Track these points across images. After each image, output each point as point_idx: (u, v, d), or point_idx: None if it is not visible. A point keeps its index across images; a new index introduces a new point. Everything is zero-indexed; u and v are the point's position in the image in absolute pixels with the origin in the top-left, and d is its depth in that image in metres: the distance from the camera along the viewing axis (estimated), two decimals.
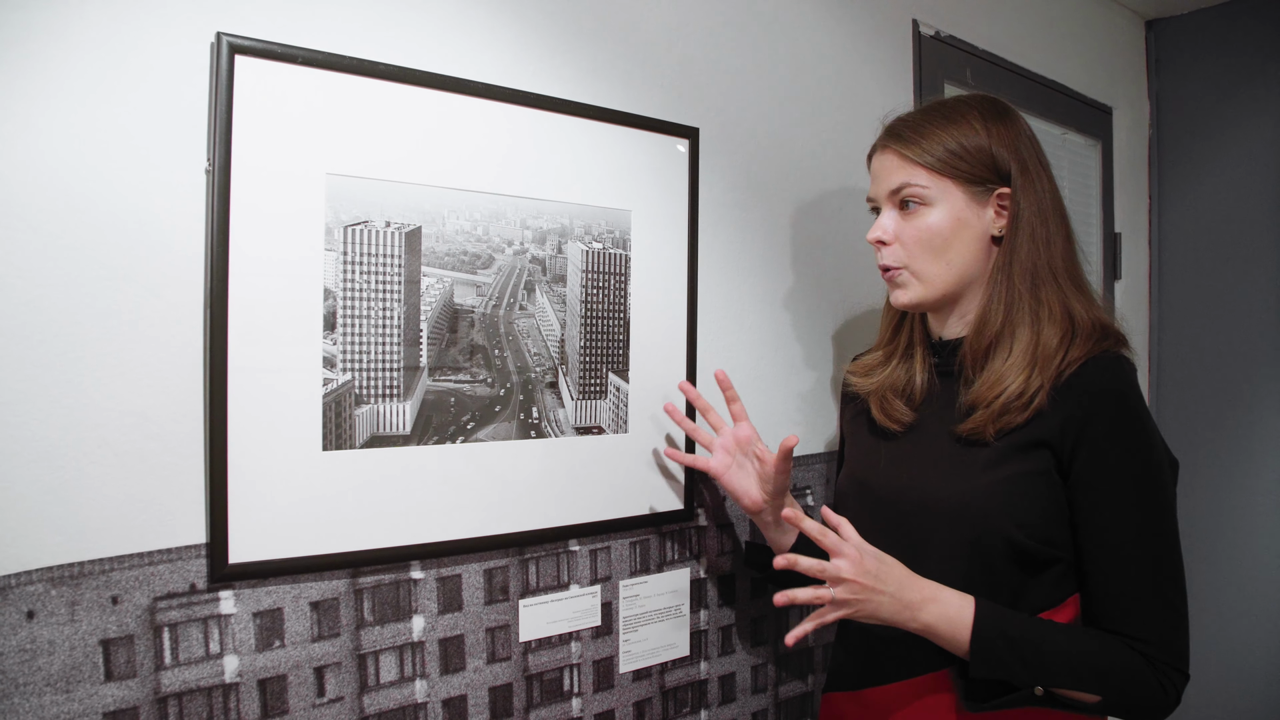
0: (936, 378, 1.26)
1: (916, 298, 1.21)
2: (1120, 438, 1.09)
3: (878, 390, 1.30)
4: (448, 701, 1.22)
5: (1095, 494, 1.09)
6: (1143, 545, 1.08)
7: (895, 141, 1.21)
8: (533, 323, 1.29)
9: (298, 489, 1.08)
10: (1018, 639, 1.07)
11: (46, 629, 0.92)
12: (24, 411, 0.91)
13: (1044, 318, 1.14)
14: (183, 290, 1.01)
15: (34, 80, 0.92)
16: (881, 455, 1.27)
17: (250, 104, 1.03)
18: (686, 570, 1.50)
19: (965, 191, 1.17)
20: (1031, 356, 1.13)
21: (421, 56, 1.18)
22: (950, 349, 1.24)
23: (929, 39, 1.94)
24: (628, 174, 1.38)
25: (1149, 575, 1.08)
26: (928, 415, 1.24)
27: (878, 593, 1.07)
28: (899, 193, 1.20)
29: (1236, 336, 2.48)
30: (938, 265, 1.19)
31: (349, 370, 1.11)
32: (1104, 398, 1.09)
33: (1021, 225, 1.17)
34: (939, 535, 1.16)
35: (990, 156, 1.17)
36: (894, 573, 1.09)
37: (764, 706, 1.62)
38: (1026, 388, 1.11)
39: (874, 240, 1.23)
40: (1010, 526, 1.10)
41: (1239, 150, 2.51)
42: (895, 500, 1.22)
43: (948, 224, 1.17)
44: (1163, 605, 1.08)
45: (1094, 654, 1.07)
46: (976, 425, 1.14)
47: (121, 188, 0.97)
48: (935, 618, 1.09)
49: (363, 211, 1.12)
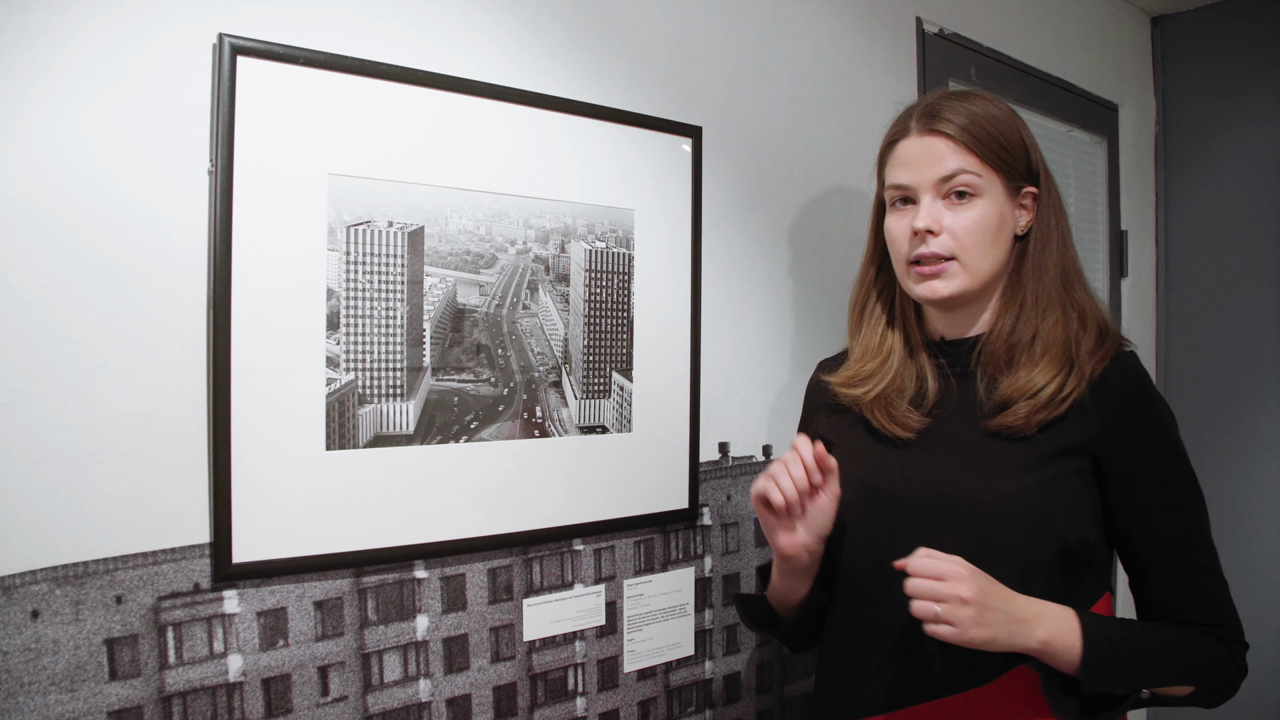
0: (952, 379, 1.18)
1: (959, 289, 1.12)
2: (1159, 437, 1.10)
3: (879, 398, 1.19)
4: (452, 701, 1.22)
5: (1147, 492, 1.09)
6: (1192, 534, 1.09)
7: (944, 125, 1.12)
8: (536, 322, 1.29)
9: (301, 488, 1.08)
10: (1123, 645, 1.03)
11: (51, 628, 0.92)
12: (28, 411, 0.92)
13: (1074, 316, 1.13)
14: (186, 290, 1.01)
15: (37, 82, 0.92)
16: (893, 462, 1.17)
17: (252, 105, 1.04)
18: (691, 569, 1.50)
19: (1005, 186, 1.13)
20: (1067, 354, 1.10)
21: (423, 56, 1.18)
22: (963, 348, 1.18)
23: (933, 36, 1.94)
24: (631, 173, 1.38)
25: (1202, 561, 1.09)
26: (943, 417, 1.16)
27: (991, 610, 0.98)
28: (951, 180, 1.11)
29: (1243, 333, 2.47)
30: (986, 260, 1.12)
31: (352, 370, 1.12)
32: (1139, 398, 1.10)
33: (1051, 226, 1.15)
34: (987, 537, 1.07)
35: (1027, 154, 1.15)
36: (998, 589, 1.00)
37: (769, 706, 1.62)
38: (1065, 385, 1.08)
39: (923, 229, 1.11)
40: (1062, 527, 1.06)
41: (1245, 147, 2.50)
42: (924, 505, 1.12)
43: (994, 218, 1.12)
44: (1217, 584, 1.09)
45: (1183, 646, 1.06)
46: (1017, 419, 1.09)
47: (125, 189, 0.97)
48: (1050, 633, 1.01)
49: (365, 211, 1.12)
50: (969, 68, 2.02)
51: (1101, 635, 1.02)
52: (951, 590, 0.96)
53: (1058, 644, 1.01)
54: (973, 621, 0.96)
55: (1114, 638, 1.02)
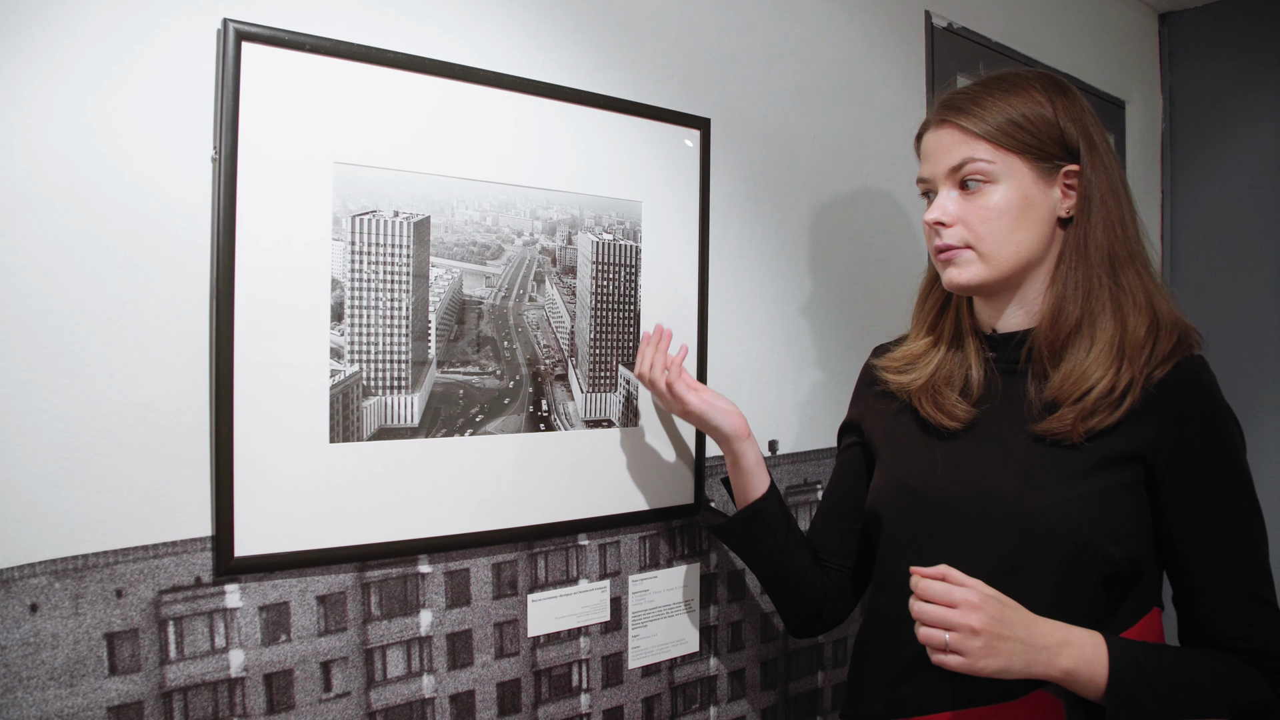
0: (997, 374, 1.13)
1: (977, 277, 1.09)
2: (1221, 450, 1.04)
3: (926, 385, 1.16)
4: (455, 697, 1.20)
5: (1202, 509, 1.03)
6: (1246, 558, 1.04)
7: (953, 114, 1.09)
8: (542, 314, 1.27)
9: (304, 481, 1.07)
10: (1152, 674, 0.98)
11: (50, 622, 0.91)
12: (28, 402, 0.90)
13: (1127, 305, 1.06)
14: (188, 280, 1.00)
15: (39, 68, 0.90)
16: (937, 458, 1.14)
17: (257, 92, 1.02)
18: (697, 565, 1.49)
19: (1032, 168, 1.07)
20: (1118, 349, 1.04)
21: (431, 44, 1.16)
22: (1012, 343, 1.13)
23: (941, 30, 1.92)
24: (638, 165, 1.37)
25: (1256, 588, 1.04)
26: (990, 413, 1.12)
27: (1006, 640, 0.94)
28: (960, 170, 1.08)
29: (1249, 330, 2.46)
30: (1006, 247, 1.07)
31: (357, 362, 1.10)
32: (1203, 407, 1.04)
33: (1095, 205, 1.08)
34: (1026, 550, 1.04)
35: (1059, 131, 1.08)
36: (1019, 615, 0.96)
37: (774, 703, 1.61)
38: (1116, 383, 1.03)
39: (933, 221, 1.10)
40: (1108, 543, 1.01)
41: (1252, 144, 2.49)
42: (963, 509, 1.09)
43: (1015, 203, 1.07)
44: (1268, 612, 1.04)
45: (1217, 676, 1.01)
46: (1063, 425, 1.04)
47: (127, 176, 0.95)
48: (1075, 661, 0.97)
49: (371, 201, 1.11)
50: (977, 62, 2.01)
51: (1129, 664, 0.98)
52: (962, 619, 0.93)
53: (1083, 672, 0.97)
54: (983, 652, 0.93)
55: (1143, 667, 0.98)
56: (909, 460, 1.17)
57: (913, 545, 1.12)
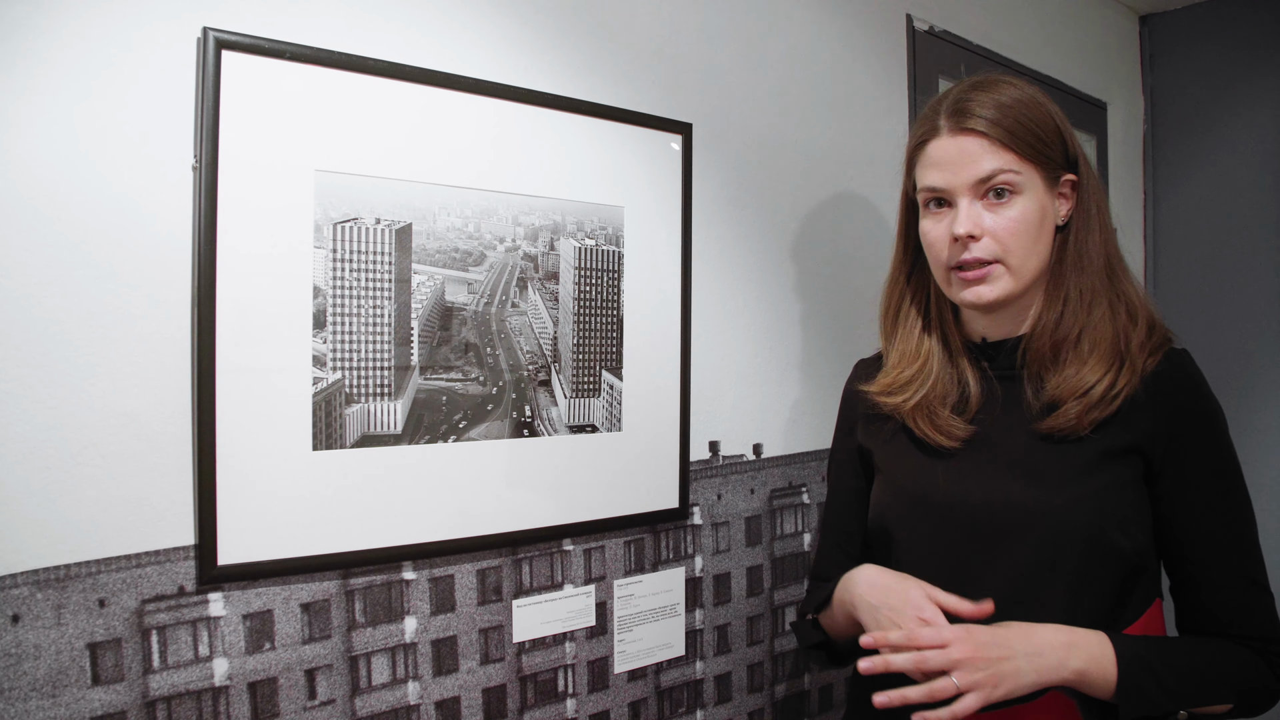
0: (996, 382, 1.13)
1: (1005, 292, 1.07)
2: (1212, 440, 1.07)
3: (920, 406, 1.14)
4: (440, 703, 1.21)
5: (1197, 498, 1.06)
6: (1240, 544, 1.06)
7: (976, 122, 1.06)
8: (525, 320, 1.28)
9: (287, 489, 1.07)
10: (1159, 668, 1.00)
11: (32, 633, 0.91)
12: (9, 412, 0.90)
13: (1121, 309, 1.08)
14: (170, 288, 1.00)
15: (17, 77, 0.90)
16: (938, 470, 1.13)
17: (237, 100, 1.02)
18: (681, 569, 1.49)
19: (1044, 178, 1.07)
20: (1117, 350, 1.06)
21: (411, 51, 1.17)
22: (1005, 349, 1.13)
23: (923, 34, 1.93)
24: (620, 170, 1.37)
25: (1250, 573, 1.06)
26: (988, 422, 1.12)
27: (1006, 660, 0.95)
28: (989, 181, 1.05)
29: (1232, 330, 2.48)
30: (1031, 260, 1.07)
31: (339, 369, 1.10)
32: (1194, 398, 1.07)
33: (1091, 213, 1.10)
34: (1039, 546, 1.04)
35: (1063, 140, 1.09)
36: (1010, 634, 0.98)
37: (760, 706, 1.61)
38: (1116, 382, 1.04)
39: (964, 235, 1.05)
40: (1120, 537, 1.03)
41: (1233, 144, 2.51)
42: (976, 516, 1.09)
43: (1036, 214, 1.06)
44: (1263, 596, 1.06)
45: (1220, 664, 1.03)
46: (1068, 419, 1.05)
47: (108, 185, 0.95)
48: (1085, 661, 0.98)
49: (352, 208, 1.11)
50: (959, 65, 2.02)
51: (1136, 660, 0.99)
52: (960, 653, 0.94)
53: (1093, 671, 0.98)
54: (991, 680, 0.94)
55: (1149, 662, 1.00)
56: (913, 474, 1.16)
57: (922, 555, 1.11)
